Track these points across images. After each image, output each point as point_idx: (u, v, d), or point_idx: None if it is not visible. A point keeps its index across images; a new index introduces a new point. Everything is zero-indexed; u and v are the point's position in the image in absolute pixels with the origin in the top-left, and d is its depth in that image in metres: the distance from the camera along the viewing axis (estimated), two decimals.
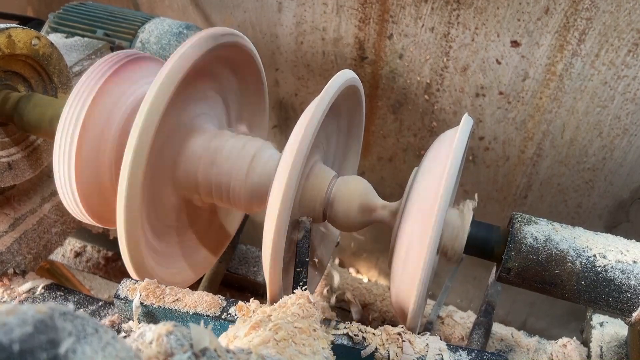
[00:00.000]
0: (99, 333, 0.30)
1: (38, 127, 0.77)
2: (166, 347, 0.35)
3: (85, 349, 0.28)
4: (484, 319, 0.86)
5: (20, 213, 0.89)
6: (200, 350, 0.36)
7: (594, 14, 0.96)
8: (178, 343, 0.36)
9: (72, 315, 0.29)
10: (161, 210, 0.75)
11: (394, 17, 1.14)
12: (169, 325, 0.37)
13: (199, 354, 0.36)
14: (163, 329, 0.36)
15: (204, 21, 1.37)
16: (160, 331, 0.36)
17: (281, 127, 1.52)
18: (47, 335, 0.26)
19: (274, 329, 0.53)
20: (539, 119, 1.16)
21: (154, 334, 0.36)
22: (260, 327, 0.54)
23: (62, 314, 0.28)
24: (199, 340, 0.37)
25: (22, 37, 0.77)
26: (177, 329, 0.37)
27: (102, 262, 1.29)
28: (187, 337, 0.37)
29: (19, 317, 0.26)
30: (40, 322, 0.27)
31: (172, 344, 0.36)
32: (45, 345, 0.26)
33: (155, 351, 0.35)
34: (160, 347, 0.35)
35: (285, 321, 0.55)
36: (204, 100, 0.78)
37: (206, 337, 0.37)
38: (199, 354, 0.36)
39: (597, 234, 0.66)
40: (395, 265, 0.66)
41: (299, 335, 0.54)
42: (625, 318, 0.64)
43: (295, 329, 0.54)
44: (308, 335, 0.55)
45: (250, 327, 0.54)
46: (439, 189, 0.60)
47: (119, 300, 0.67)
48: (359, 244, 1.76)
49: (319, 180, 0.73)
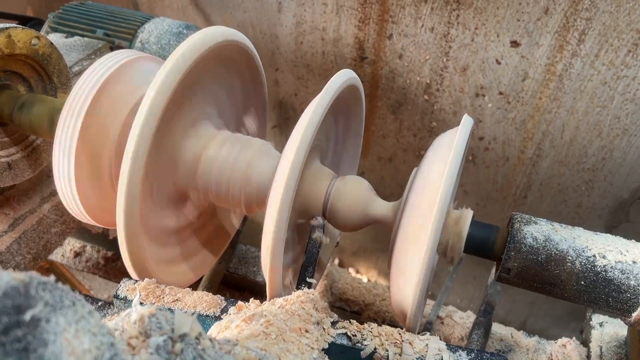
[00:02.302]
0: (76, 306, 0.30)
1: (38, 127, 0.77)
2: (146, 328, 0.36)
3: (59, 319, 0.28)
4: (484, 319, 0.87)
5: (19, 213, 0.89)
6: (179, 335, 0.37)
7: (593, 14, 0.96)
8: (157, 326, 0.36)
9: (52, 285, 0.29)
10: (161, 210, 0.75)
11: (393, 17, 1.14)
12: (152, 308, 0.37)
13: (176, 338, 0.36)
14: (147, 311, 0.37)
15: (203, 21, 1.37)
16: (144, 312, 0.37)
17: (281, 127, 1.52)
18: (13, 300, 0.26)
19: (266, 324, 0.53)
20: (538, 119, 1.16)
21: (137, 315, 0.37)
22: (252, 320, 0.54)
23: (40, 283, 0.28)
24: (180, 326, 0.37)
25: (22, 37, 0.77)
26: (160, 312, 0.37)
27: (102, 262, 1.29)
28: (169, 322, 0.37)
29: None
30: (11, 288, 0.27)
31: (152, 325, 0.36)
32: (8, 310, 0.26)
33: (136, 331, 0.36)
34: (142, 328, 0.36)
35: (278, 318, 0.55)
36: (203, 100, 0.78)
37: (188, 323, 0.38)
38: (177, 339, 0.36)
39: (596, 234, 0.66)
40: (395, 265, 0.66)
41: (289, 333, 0.54)
42: (625, 318, 0.64)
43: (287, 327, 0.54)
44: (299, 334, 0.55)
45: (243, 320, 0.54)
46: (438, 189, 0.60)
47: (118, 300, 0.67)
48: (358, 244, 1.76)
49: (318, 181, 0.73)
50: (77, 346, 0.29)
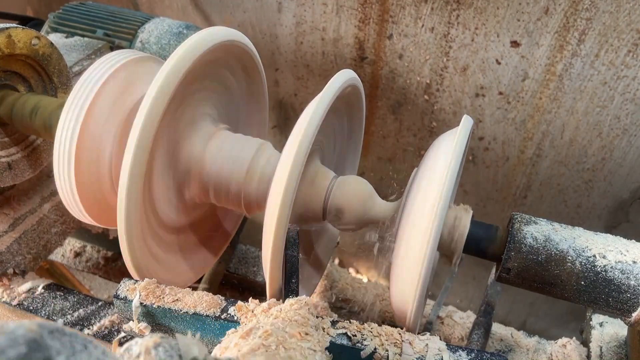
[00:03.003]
0: (88, 349, 0.30)
1: (38, 127, 0.77)
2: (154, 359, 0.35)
3: None
4: (484, 319, 0.86)
5: (20, 213, 0.89)
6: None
7: (593, 14, 0.96)
8: (167, 355, 0.35)
9: (61, 332, 0.29)
10: (161, 210, 0.75)
11: (393, 17, 1.14)
12: (155, 337, 0.36)
13: None
14: (150, 342, 0.36)
15: (203, 21, 1.37)
16: (148, 344, 0.35)
17: (281, 127, 1.52)
18: (42, 353, 0.26)
19: (264, 335, 0.52)
20: (538, 119, 1.16)
21: (141, 348, 0.35)
22: (250, 335, 0.53)
23: (50, 332, 0.28)
24: (187, 350, 0.36)
25: (22, 37, 0.77)
26: (164, 340, 0.36)
27: (102, 262, 1.29)
28: (175, 348, 0.36)
29: (9, 337, 0.26)
30: (32, 342, 0.26)
31: (160, 356, 0.35)
32: None
33: None
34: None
35: (276, 327, 0.54)
36: (203, 100, 0.78)
37: (194, 347, 0.37)
38: None
39: (596, 234, 0.66)
40: (395, 266, 0.66)
41: (289, 339, 0.53)
42: (625, 318, 0.64)
43: (286, 334, 0.53)
44: (299, 339, 0.54)
45: (240, 337, 0.53)
46: (438, 189, 0.60)
47: (118, 300, 0.67)
48: (358, 244, 1.76)
49: (318, 181, 0.73)
50: None
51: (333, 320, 0.63)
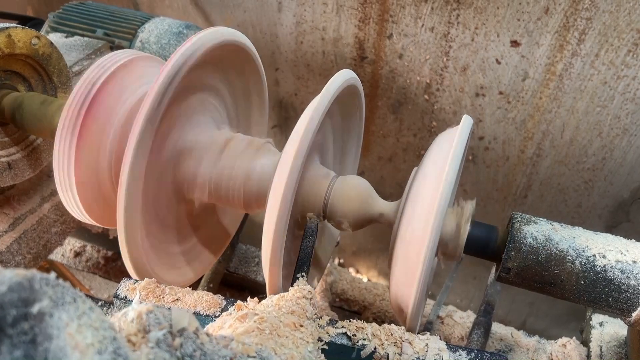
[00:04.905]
0: (77, 302, 0.31)
1: (38, 127, 0.77)
2: (145, 324, 0.36)
3: (61, 315, 0.29)
4: (484, 318, 0.87)
5: (19, 213, 0.89)
6: (178, 330, 0.37)
7: (593, 14, 0.96)
8: (156, 321, 0.37)
9: (54, 282, 0.30)
10: (161, 210, 0.75)
11: (393, 16, 1.14)
12: (149, 305, 0.38)
13: (175, 333, 0.37)
14: (144, 308, 0.37)
15: (204, 21, 1.37)
16: (141, 310, 0.37)
17: (281, 126, 1.52)
18: (19, 294, 0.27)
19: (259, 320, 0.53)
20: (538, 119, 1.16)
21: (135, 313, 0.37)
22: (246, 318, 0.54)
23: (43, 279, 0.29)
24: (178, 321, 0.38)
25: (22, 37, 0.77)
26: (157, 309, 0.38)
27: (102, 262, 1.29)
28: (166, 318, 0.38)
29: None
30: (16, 284, 0.27)
31: (150, 321, 0.37)
32: (16, 303, 0.27)
33: (135, 329, 0.36)
34: (140, 325, 0.36)
35: (271, 315, 0.55)
36: (204, 100, 0.78)
37: (185, 318, 0.38)
38: (176, 333, 0.37)
39: (596, 234, 0.66)
40: (394, 265, 0.66)
41: (283, 328, 0.54)
42: (625, 318, 0.64)
43: (281, 323, 0.55)
44: (293, 329, 0.55)
45: (237, 319, 0.54)
46: (438, 189, 0.60)
47: (118, 300, 0.67)
48: (358, 244, 1.76)
49: (318, 180, 0.73)
50: (80, 341, 0.29)
51: (331, 319, 0.63)
